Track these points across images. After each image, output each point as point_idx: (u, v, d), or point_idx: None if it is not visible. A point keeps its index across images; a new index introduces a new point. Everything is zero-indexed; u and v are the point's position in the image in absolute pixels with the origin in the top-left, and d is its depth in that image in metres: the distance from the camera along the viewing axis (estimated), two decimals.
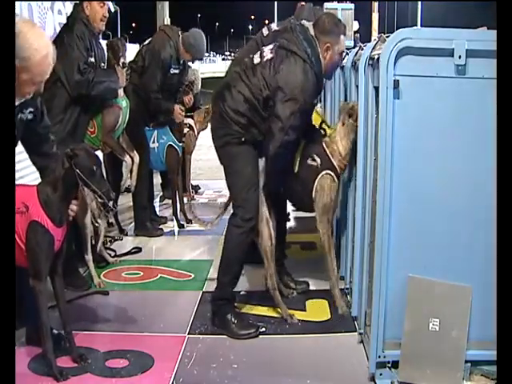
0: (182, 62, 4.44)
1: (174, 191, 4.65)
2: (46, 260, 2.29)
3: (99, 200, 2.37)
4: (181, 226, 4.54)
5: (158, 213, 4.87)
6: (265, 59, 2.77)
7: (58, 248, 2.33)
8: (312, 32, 2.76)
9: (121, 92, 3.71)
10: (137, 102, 4.07)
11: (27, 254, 2.27)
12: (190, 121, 4.85)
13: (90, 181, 2.29)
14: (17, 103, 2.24)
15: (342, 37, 2.78)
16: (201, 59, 4.84)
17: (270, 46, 2.83)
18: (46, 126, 2.48)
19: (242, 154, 2.79)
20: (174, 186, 4.65)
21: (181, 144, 4.56)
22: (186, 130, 4.75)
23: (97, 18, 3.42)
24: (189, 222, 4.51)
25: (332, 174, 2.91)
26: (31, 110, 2.34)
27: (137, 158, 4.00)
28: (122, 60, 3.61)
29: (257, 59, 2.80)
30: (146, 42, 4.47)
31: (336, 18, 2.92)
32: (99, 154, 2.78)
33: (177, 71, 4.43)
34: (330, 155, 2.91)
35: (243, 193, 2.78)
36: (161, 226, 4.53)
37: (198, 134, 5.04)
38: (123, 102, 3.73)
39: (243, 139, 2.76)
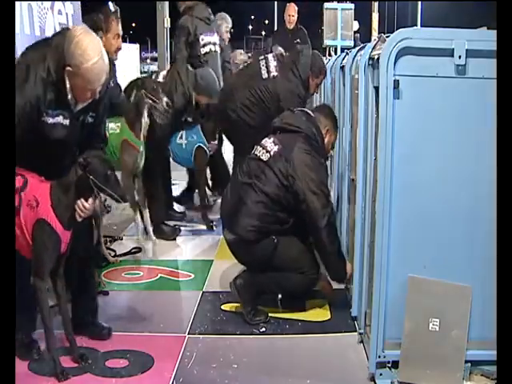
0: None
1: (201, 193, 4.63)
2: (50, 260, 2.28)
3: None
4: (210, 227, 4.47)
5: (175, 207, 4.80)
6: (272, 152, 2.86)
7: (63, 250, 2.33)
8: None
9: (141, 135, 3.74)
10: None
11: (32, 251, 2.27)
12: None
13: (105, 186, 2.30)
14: (77, 109, 2.32)
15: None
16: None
17: (271, 140, 2.92)
18: (104, 126, 2.57)
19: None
20: (202, 187, 4.64)
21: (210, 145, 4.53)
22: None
23: (112, 50, 3.48)
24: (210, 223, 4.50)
25: None
26: (92, 114, 2.39)
27: (146, 214, 3.98)
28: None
29: (264, 155, 2.89)
30: (160, 78, 4.37)
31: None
32: None
33: (190, 119, 4.45)
34: None
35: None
36: (178, 223, 4.44)
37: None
38: (141, 147, 3.75)
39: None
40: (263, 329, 2.78)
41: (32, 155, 2.27)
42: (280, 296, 3.00)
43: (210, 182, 5.22)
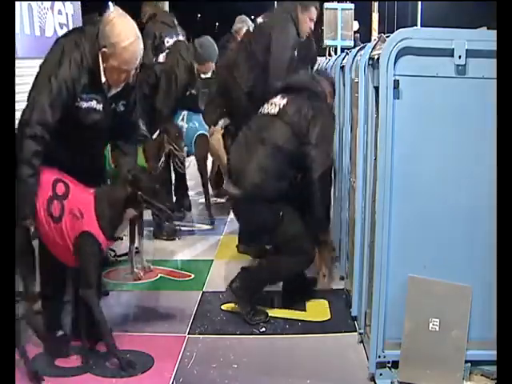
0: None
1: (204, 180, 4.58)
2: (95, 270, 2.34)
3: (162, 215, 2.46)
4: (212, 222, 4.48)
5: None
6: (281, 105, 2.87)
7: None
8: None
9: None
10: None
11: (79, 264, 2.32)
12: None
13: (154, 200, 2.35)
14: (110, 94, 2.35)
15: None
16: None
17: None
18: (136, 115, 2.59)
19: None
20: (204, 176, 4.59)
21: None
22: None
23: None
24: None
25: None
26: (123, 102, 2.42)
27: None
28: None
29: (273, 109, 2.89)
30: (160, 59, 4.46)
31: None
32: None
33: (194, 92, 4.43)
34: None
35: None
36: (178, 223, 4.41)
37: None
38: None
39: None
40: (263, 329, 2.78)
41: (65, 142, 2.29)
42: (282, 290, 3.02)
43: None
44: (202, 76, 4.46)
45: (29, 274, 2.31)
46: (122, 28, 2.23)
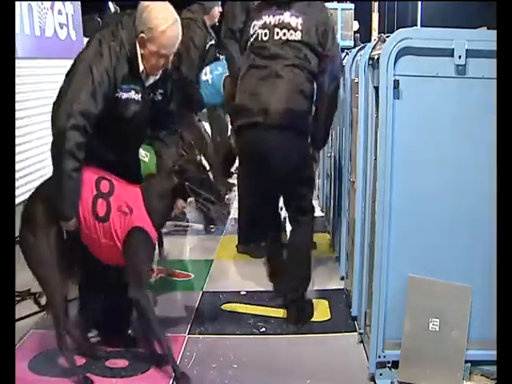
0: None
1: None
2: (148, 268, 2.28)
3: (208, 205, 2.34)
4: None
5: None
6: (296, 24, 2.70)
7: None
8: None
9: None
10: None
11: (128, 262, 2.23)
12: None
13: (202, 190, 2.29)
14: (148, 84, 2.31)
15: None
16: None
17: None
18: (172, 105, 2.53)
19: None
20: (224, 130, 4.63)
21: None
22: None
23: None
24: None
25: None
26: (161, 91, 2.39)
27: None
28: None
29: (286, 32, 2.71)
30: None
31: None
32: None
33: (213, 42, 4.49)
34: None
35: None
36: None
37: None
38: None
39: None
40: (263, 329, 2.78)
41: (102, 135, 2.23)
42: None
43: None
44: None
45: (65, 278, 2.26)
46: (159, 12, 2.20)
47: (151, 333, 2.31)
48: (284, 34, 2.69)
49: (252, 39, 2.76)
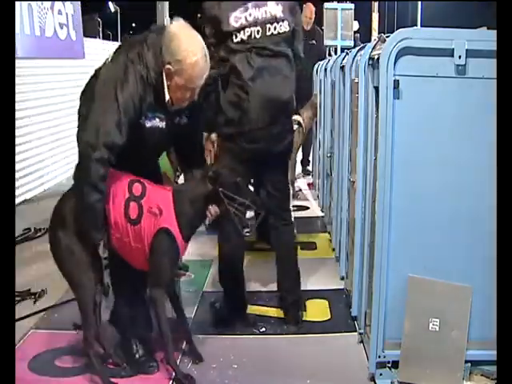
0: None
1: None
2: (170, 271, 2.26)
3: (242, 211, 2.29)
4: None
5: None
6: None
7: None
8: None
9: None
10: None
11: (150, 261, 2.22)
12: (297, 117, 4.70)
13: (237, 195, 2.25)
14: (173, 110, 2.23)
15: None
16: None
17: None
18: (199, 126, 2.48)
19: None
20: None
21: None
22: (294, 126, 4.70)
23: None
24: None
25: None
26: (186, 112, 2.30)
27: None
28: None
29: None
30: None
31: None
32: None
33: None
34: None
35: None
36: None
37: (306, 130, 4.97)
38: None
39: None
40: (263, 329, 2.78)
41: (126, 158, 2.16)
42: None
43: None
44: None
45: (96, 282, 2.25)
46: (188, 43, 2.10)
47: (161, 333, 2.30)
48: (275, 28, 2.63)
49: (243, 36, 2.59)
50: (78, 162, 2.12)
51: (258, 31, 2.59)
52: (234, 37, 2.57)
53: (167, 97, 2.18)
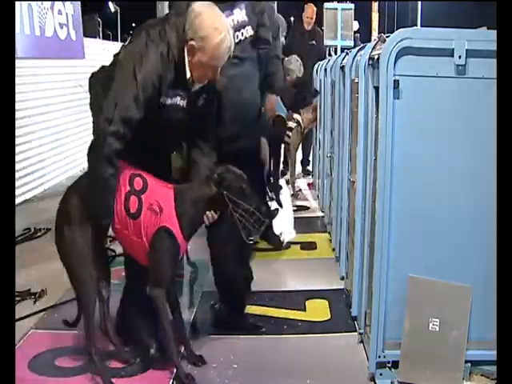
0: None
1: (276, 162, 4.63)
2: (170, 270, 2.24)
3: (249, 217, 2.24)
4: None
5: None
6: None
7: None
8: None
9: None
10: None
11: (150, 259, 2.22)
12: (297, 116, 4.84)
13: (241, 200, 2.22)
14: (194, 90, 2.23)
15: None
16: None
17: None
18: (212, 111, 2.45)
19: None
20: (278, 156, 4.65)
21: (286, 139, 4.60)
22: (293, 125, 4.73)
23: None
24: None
25: None
26: (205, 96, 2.30)
27: None
28: None
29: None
30: None
31: None
32: None
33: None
34: None
35: None
36: None
37: (305, 130, 5.07)
38: None
39: None
40: (263, 329, 2.78)
41: (145, 136, 2.16)
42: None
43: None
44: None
45: (98, 277, 2.24)
46: (213, 20, 2.10)
47: (162, 332, 2.29)
48: (242, 34, 2.67)
49: None
50: (94, 137, 2.12)
51: None
52: None
53: (188, 74, 2.17)
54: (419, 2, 16.97)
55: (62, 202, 2.28)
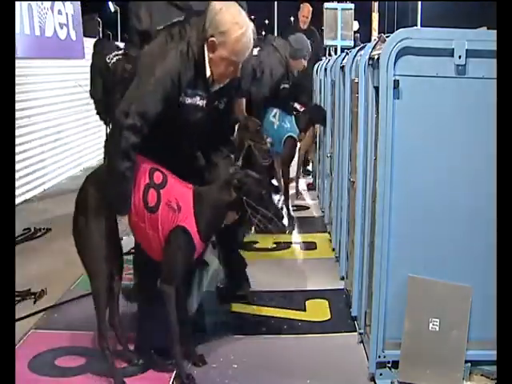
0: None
1: (285, 183, 4.61)
2: (182, 269, 2.24)
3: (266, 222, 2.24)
4: (291, 224, 4.41)
5: None
6: None
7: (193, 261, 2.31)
8: None
9: None
10: None
11: (165, 256, 2.22)
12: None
13: (260, 206, 2.22)
14: (214, 90, 2.23)
15: None
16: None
17: None
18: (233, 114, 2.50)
19: None
20: (286, 176, 4.62)
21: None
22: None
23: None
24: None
25: None
26: (225, 99, 2.31)
27: None
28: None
29: None
30: (255, 52, 4.39)
31: None
32: None
33: (287, 85, 4.52)
34: None
35: None
36: None
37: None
38: None
39: None
40: (263, 329, 2.78)
41: (161, 138, 2.17)
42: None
43: None
44: (294, 72, 4.62)
45: (113, 270, 2.25)
46: (234, 16, 2.11)
47: (168, 328, 2.27)
48: None
49: None
50: (111, 131, 2.15)
51: None
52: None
53: (208, 72, 2.18)
54: (419, 2, 16.95)
55: (79, 193, 2.28)
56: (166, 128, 2.16)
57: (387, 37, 2.21)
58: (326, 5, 10.09)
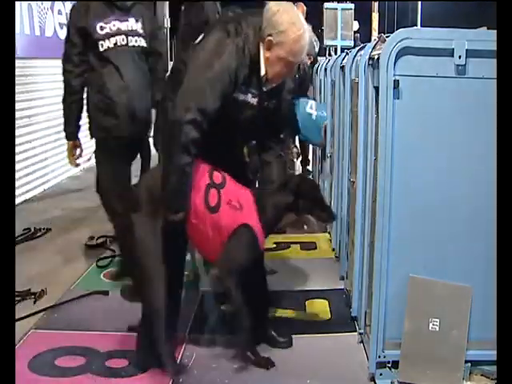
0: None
1: None
2: (244, 263, 2.25)
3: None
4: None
5: None
6: None
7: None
8: None
9: None
10: None
11: (226, 254, 2.22)
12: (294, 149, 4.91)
13: (314, 208, 2.29)
14: (266, 89, 2.23)
15: None
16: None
17: None
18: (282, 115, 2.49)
19: None
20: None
21: None
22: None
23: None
24: None
25: None
26: (276, 99, 2.31)
27: None
28: None
29: None
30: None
31: None
32: None
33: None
34: None
35: None
36: None
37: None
38: None
39: None
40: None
41: (214, 132, 2.14)
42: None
43: None
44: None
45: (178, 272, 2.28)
46: (292, 17, 2.12)
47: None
48: (136, 41, 2.95)
49: (109, 44, 2.85)
50: (170, 126, 2.12)
51: (122, 39, 2.87)
52: (100, 45, 2.82)
53: (263, 71, 2.18)
54: (419, 2, 16.97)
55: (141, 185, 2.28)
56: (221, 124, 2.15)
57: (387, 37, 2.21)
58: (326, 5, 10.10)
